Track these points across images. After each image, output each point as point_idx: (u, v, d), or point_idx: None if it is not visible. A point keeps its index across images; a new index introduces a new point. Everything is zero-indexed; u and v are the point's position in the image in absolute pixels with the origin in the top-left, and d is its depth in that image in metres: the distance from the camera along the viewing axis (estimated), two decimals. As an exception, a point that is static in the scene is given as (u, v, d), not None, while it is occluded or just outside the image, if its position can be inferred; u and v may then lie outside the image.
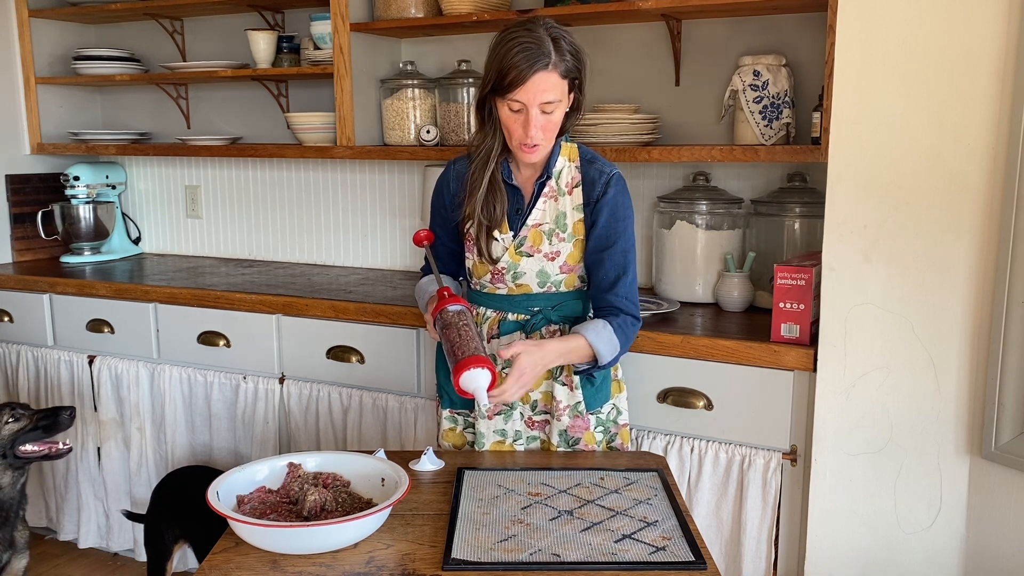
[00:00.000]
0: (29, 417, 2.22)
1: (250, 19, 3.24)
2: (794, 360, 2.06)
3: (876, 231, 1.93)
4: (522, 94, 1.75)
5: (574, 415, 1.92)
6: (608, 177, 1.88)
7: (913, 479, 1.96)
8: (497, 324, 1.96)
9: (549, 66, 1.74)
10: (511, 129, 1.81)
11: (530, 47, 1.73)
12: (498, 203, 1.90)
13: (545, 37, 1.75)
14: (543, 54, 1.73)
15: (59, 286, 3.03)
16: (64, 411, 2.23)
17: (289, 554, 1.42)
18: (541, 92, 1.74)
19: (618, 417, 2.01)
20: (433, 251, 2.01)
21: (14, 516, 2.27)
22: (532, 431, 1.97)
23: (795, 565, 2.12)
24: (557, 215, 1.90)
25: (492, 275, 1.94)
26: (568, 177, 1.90)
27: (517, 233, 1.91)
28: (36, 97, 3.41)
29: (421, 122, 2.87)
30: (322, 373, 2.64)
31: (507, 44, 1.76)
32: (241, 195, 3.46)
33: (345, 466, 1.65)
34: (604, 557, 1.41)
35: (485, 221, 1.90)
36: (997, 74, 1.77)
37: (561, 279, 1.92)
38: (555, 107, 1.78)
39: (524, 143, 1.80)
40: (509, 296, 1.95)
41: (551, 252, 1.90)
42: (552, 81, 1.75)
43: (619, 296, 1.87)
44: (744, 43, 2.56)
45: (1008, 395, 1.82)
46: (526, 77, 1.73)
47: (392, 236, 3.19)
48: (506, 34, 1.78)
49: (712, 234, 2.49)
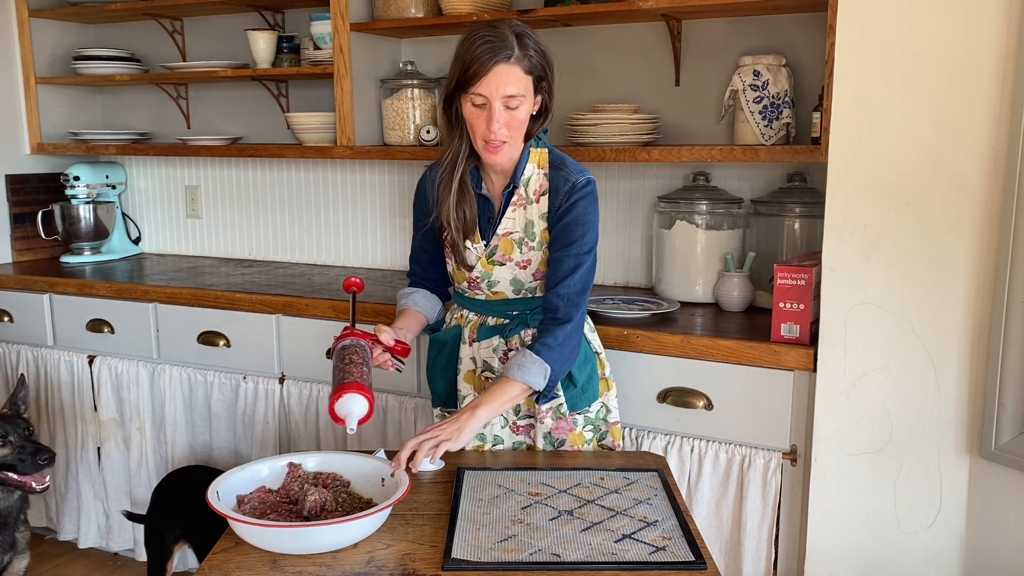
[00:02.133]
0: (12, 447, 2.21)
1: (250, 19, 3.24)
2: (794, 360, 2.06)
3: (876, 231, 1.93)
4: (484, 86, 1.74)
5: (556, 417, 1.93)
6: (571, 185, 1.85)
7: (913, 479, 1.96)
8: (477, 328, 1.98)
9: (511, 59, 1.73)
10: (475, 126, 1.80)
11: (492, 40, 1.73)
12: (468, 208, 1.89)
13: (509, 33, 1.75)
14: (505, 47, 1.73)
15: (59, 286, 3.03)
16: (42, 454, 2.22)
17: (289, 554, 1.42)
18: (503, 84, 1.74)
19: (608, 416, 2.00)
20: (417, 259, 2.06)
21: (14, 521, 2.28)
22: (517, 436, 1.98)
23: (795, 565, 2.12)
24: (526, 223, 1.90)
25: (468, 283, 1.96)
26: (536, 184, 1.89)
27: (488, 242, 1.91)
28: (36, 97, 3.41)
29: (421, 122, 2.87)
30: (322, 373, 2.64)
31: (470, 39, 1.76)
32: (241, 195, 3.46)
33: (345, 466, 1.65)
34: (604, 557, 1.41)
35: (458, 227, 1.90)
36: (997, 74, 1.77)
37: (535, 285, 1.93)
38: (519, 102, 1.77)
39: (488, 139, 1.78)
40: (488, 301, 1.97)
41: (522, 260, 1.91)
42: (515, 74, 1.74)
43: (559, 296, 1.84)
44: (744, 43, 2.56)
45: (1008, 395, 1.82)
46: (488, 68, 1.72)
47: (392, 236, 3.19)
48: (470, 31, 1.79)
49: (712, 234, 2.49)
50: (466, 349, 2.00)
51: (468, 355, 2.00)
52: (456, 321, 2.04)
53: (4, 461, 2.21)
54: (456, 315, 2.05)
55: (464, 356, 2.00)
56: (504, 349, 1.95)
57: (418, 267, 2.08)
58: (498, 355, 1.95)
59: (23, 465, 2.21)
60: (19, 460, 2.21)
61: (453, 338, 2.02)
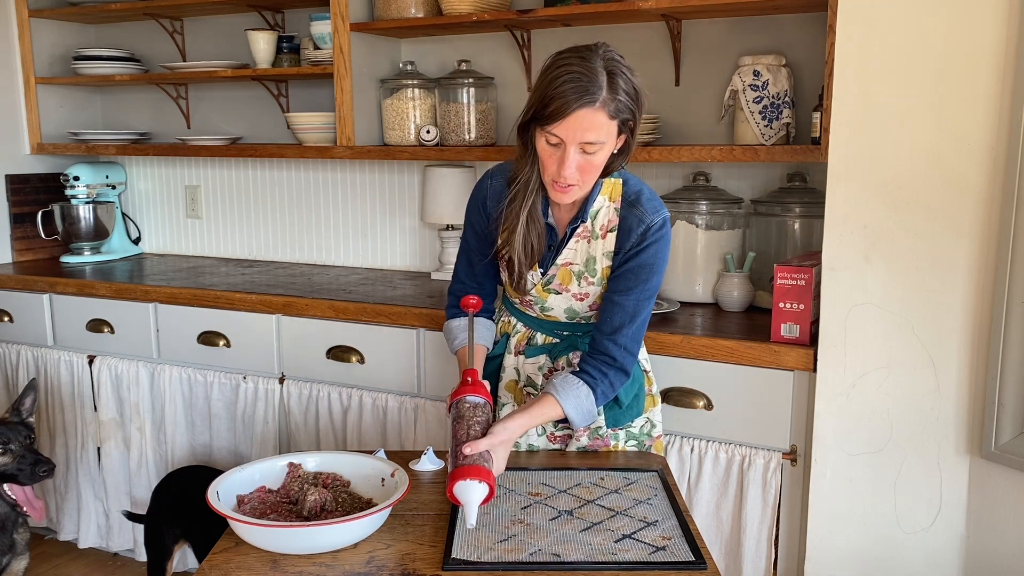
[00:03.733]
0: (12, 455, 2.20)
1: (250, 19, 3.24)
2: (794, 360, 2.06)
3: (876, 231, 1.92)
4: (562, 129, 1.59)
5: (594, 437, 1.89)
6: (645, 228, 1.73)
7: (913, 479, 1.96)
8: (525, 341, 1.93)
9: (596, 103, 1.57)
10: (546, 163, 1.66)
11: (580, 78, 1.56)
12: (536, 238, 1.76)
13: (600, 71, 1.57)
14: (592, 89, 1.56)
15: (59, 286, 3.03)
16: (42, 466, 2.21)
17: (289, 554, 1.42)
18: (582, 131, 1.58)
19: (652, 430, 1.95)
20: (470, 266, 1.91)
21: (12, 524, 2.27)
22: (553, 445, 1.94)
23: (795, 565, 2.12)
24: (588, 258, 1.79)
25: (521, 301, 1.90)
26: (605, 219, 1.77)
27: (546, 271, 1.81)
28: (36, 97, 3.41)
29: (421, 122, 2.87)
30: (322, 373, 2.64)
31: (556, 70, 1.59)
32: (241, 195, 3.46)
33: (345, 466, 1.65)
34: (604, 557, 1.41)
35: (524, 259, 1.78)
36: (997, 74, 1.77)
37: (591, 315, 1.87)
38: (597, 148, 1.62)
39: (556, 181, 1.65)
40: (539, 319, 1.91)
41: (580, 293, 1.82)
42: (597, 120, 1.58)
43: (617, 345, 1.74)
44: (744, 43, 2.56)
45: (1008, 395, 1.82)
46: (568, 111, 1.56)
47: (392, 236, 3.19)
48: (558, 58, 1.61)
49: (712, 234, 2.49)
50: (511, 359, 1.94)
51: (512, 365, 1.94)
52: (503, 328, 1.97)
53: (4, 470, 2.19)
54: (504, 319, 1.98)
55: (508, 366, 1.94)
56: (550, 367, 1.91)
57: (471, 281, 1.93)
58: (543, 372, 1.91)
59: (22, 475, 2.19)
60: (19, 470, 2.19)
61: (500, 348, 1.96)
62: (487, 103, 2.83)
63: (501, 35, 2.85)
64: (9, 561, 2.28)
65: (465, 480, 1.47)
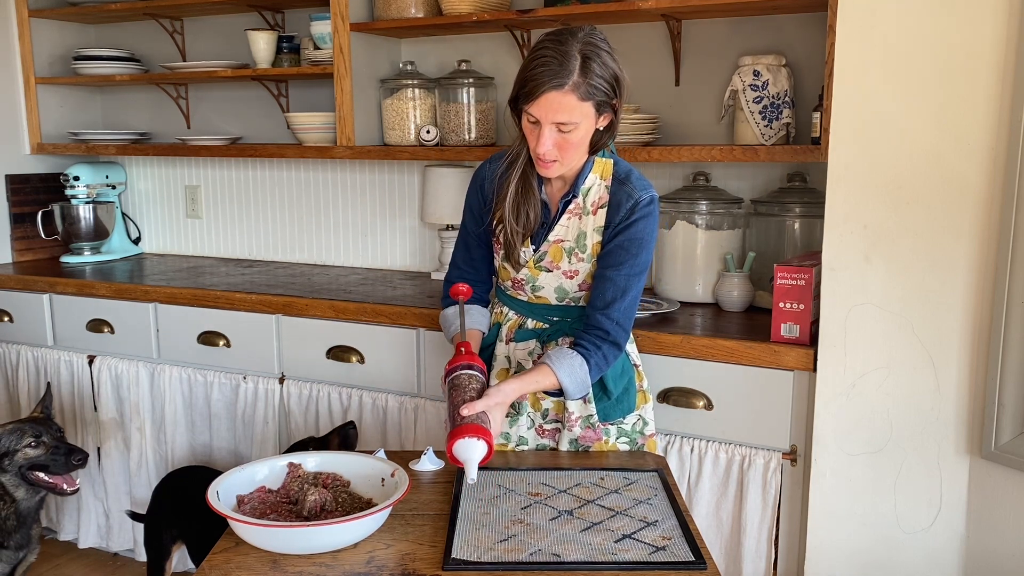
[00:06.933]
0: (46, 447, 2.29)
1: (250, 19, 3.24)
2: (794, 360, 2.06)
3: (876, 231, 1.93)
4: (535, 109, 1.68)
5: (586, 427, 1.90)
6: (634, 202, 1.79)
7: (913, 479, 1.96)
8: (516, 327, 1.95)
9: (565, 87, 1.64)
10: (529, 139, 1.75)
11: (550, 62, 1.64)
12: (531, 210, 1.83)
13: (574, 55, 1.64)
14: (561, 74, 1.63)
15: (59, 286, 3.03)
16: (76, 455, 2.30)
17: (289, 554, 1.42)
18: (553, 111, 1.66)
19: (644, 428, 1.96)
20: (467, 250, 1.97)
21: (31, 520, 2.35)
22: (542, 439, 1.95)
23: (795, 565, 2.12)
24: (579, 234, 1.84)
25: (513, 282, 1.92)
26: (596, 196, 1.83)
27: (538, 247, 1.86)
28: (36, 97, 3.41)
29: (421, 122, 2.87)
30: (322, 373, 2.64)
31: (534, 51, 1.68)
32: (241, 195, 3.46)
33: (345, 466, 1.65)
34: (604, 557, 1.41)
35: (519, 228, 1.83)
36: (997, 74, 1.77)
37: (580, 295, 1.89)
38: (572, 128, 1.69)
39: (538, 156, 1.74)
40: (530, 303, 1.93)
41: (570, 270, 1.86)
42: (567, 103, 1.65)
43: (610, 319, 1.79)
44: (744, 43, 2.56)
45: (1008, 395, 1.82)
46: (538, 93, 1.65)
47: (392, 236, 3.19)
48: (540, 40, 1.69)
49: (712, 234, 2.49)
50: (501, 347, 1.97)
51: (503, 353, 1.97)
52: (496, 318, 2.00)
53: (37, 461, 2.28)
54: (496, 310, 2.02)
55: (499, 354, 1.97)
56: (539, 353, 1.92)
57: (468, 267, 2.00)
58: (533, 358, 1.92)
59: (56, 465, 2.29)
60: (52, 460, 2.29)
61: (492, 336, 1.99)
62: (487, 103, 2.83)
63: (501, 35, 2.86)
64: (25, 555, 2.35)
65: (464, 438, 1.55)
